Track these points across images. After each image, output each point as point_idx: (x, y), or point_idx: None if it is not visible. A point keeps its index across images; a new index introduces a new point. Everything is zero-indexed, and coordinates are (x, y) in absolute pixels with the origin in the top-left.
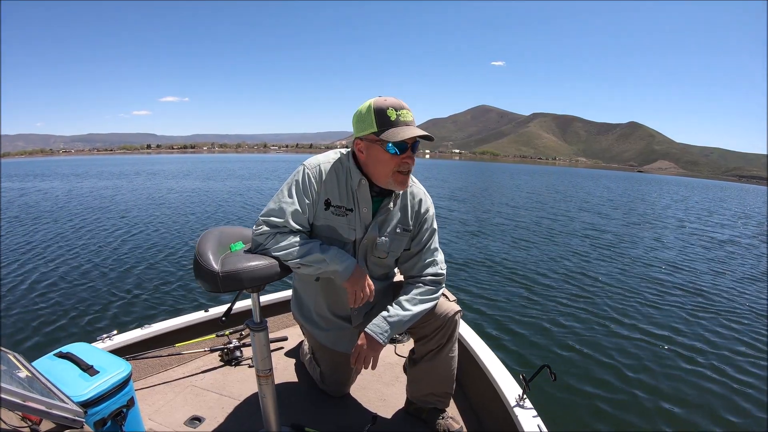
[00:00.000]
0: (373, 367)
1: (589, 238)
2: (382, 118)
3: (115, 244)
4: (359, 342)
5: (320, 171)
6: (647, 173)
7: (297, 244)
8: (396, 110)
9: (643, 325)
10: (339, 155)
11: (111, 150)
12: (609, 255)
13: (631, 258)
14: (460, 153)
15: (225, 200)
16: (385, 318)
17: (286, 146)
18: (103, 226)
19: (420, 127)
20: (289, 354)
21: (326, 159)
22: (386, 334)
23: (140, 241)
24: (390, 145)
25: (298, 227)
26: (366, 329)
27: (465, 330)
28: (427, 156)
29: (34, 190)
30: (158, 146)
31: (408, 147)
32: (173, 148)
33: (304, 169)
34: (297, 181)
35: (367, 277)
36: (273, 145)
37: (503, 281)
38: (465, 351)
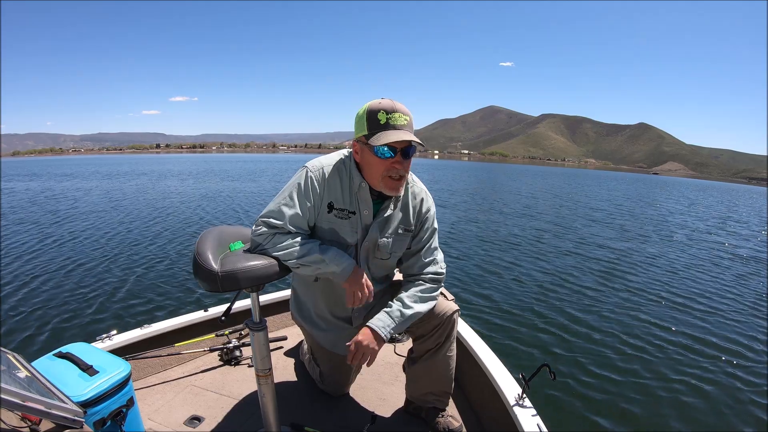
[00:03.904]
0: (369, 364)
1: (591, 239)
2: (373, 121)
3: (114, 243)
4: (359, 337)
5: (323, 174)
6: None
7: (296, 245)
8: (387, 113)
9: (643, 324)
10: (342, 157)
11: (120, 149)
12: (611, 257)
13: (633, 258)
14: (469, 154)
15: (224, 200)
16: (388, 313)
17: (295, 146)
18: (102, 225)
19: (428, 128)
20: (288, 353)
21: (330, 161)
22: (389, 328)
23: (139, 241)
24: (377, 148)
25: (296, 231)
26: (369, 323)
27: (464, 329)
28: (436, 156)
29: (34, 189)
30: (167, 146)
31: (398, 152)
32: (182, 148)
33: (306, 171)
34: (299, 183)
35: (366, 278)
36: (282, 145)
37: (503, 280)
38: (464, 350)
